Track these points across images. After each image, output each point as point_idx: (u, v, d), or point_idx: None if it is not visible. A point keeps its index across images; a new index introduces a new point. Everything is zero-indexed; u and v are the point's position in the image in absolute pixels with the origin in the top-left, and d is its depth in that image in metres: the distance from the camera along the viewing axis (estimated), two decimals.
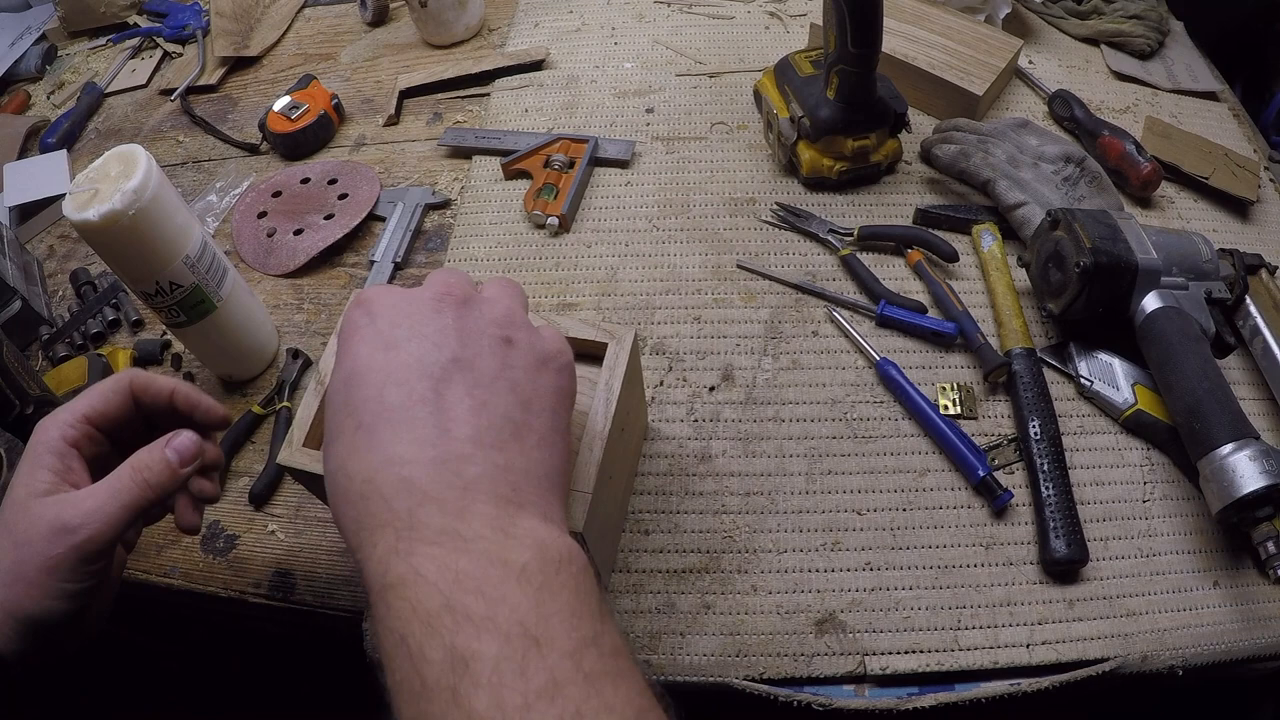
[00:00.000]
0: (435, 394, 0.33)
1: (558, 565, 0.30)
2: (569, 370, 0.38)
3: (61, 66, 1.08)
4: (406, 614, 0.28)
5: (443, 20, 0.93)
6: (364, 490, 0.32)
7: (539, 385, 0.36)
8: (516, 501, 0.32)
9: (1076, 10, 0.92)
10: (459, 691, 0.26)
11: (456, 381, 0.34)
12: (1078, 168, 0.71)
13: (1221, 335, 0.58)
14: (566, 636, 0.28)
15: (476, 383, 0.34)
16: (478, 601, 0.28)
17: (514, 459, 0.33)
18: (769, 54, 0.87)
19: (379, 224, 0.78)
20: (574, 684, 0.27)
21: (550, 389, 0.36)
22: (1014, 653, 0.51)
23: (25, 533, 0.39)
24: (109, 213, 0.51)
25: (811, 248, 0.72)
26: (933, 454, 0.59)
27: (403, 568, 0.29)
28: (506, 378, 0.35)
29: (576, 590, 0.30)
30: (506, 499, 0.32)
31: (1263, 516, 0.49)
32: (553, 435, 0.35)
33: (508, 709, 0.26)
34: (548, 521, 0.33)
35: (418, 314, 0.36)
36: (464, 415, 0.33)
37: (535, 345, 0.37)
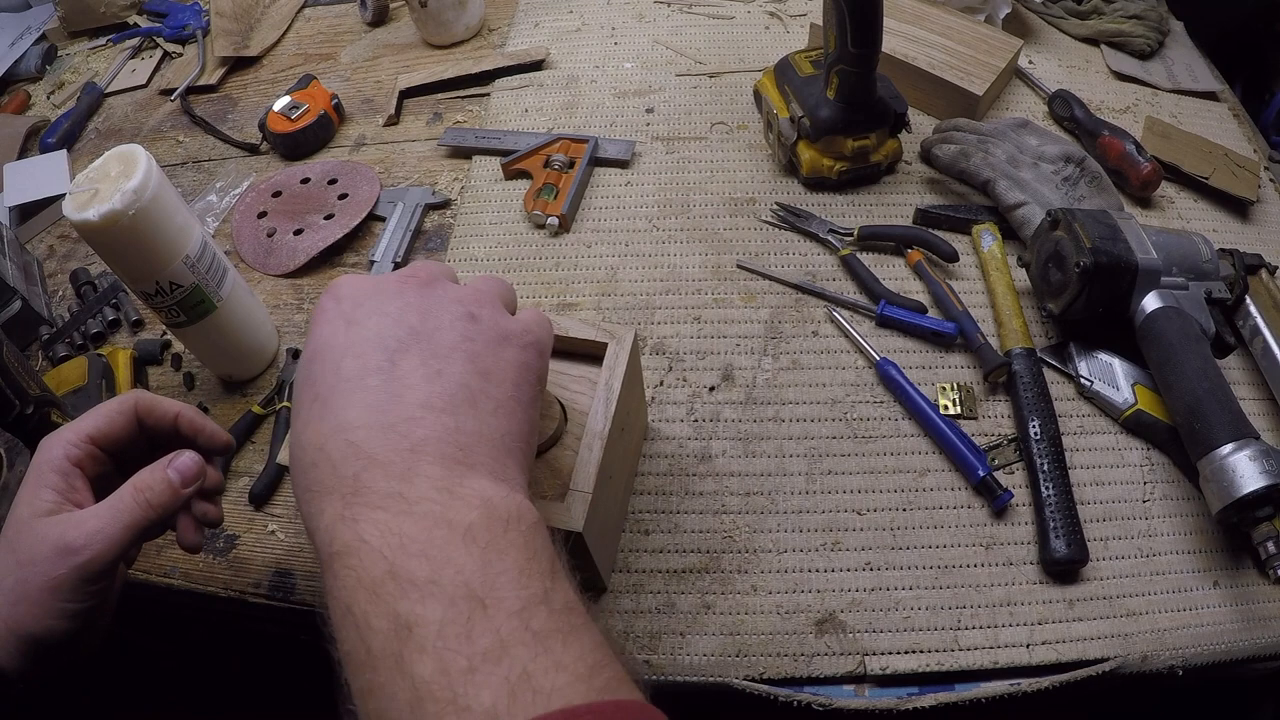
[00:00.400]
0: (390, 363, 0.33)
1: (505, 524, 0.30)
2: (536, 348, 0.37)
3: (61, 66, 1.08)
4: (352, 583, 0.28)
5: (443, 20, 0.93)
6: (314, 458, 0.32)
7: (500, 358, 0.35)
8: (466, 462, 0.32)
9: (1076, 10, 0.92)
10: (403, 658, 0.26)
11: (413, 352, 0.33)
12: (1078, 168, 0.71)
13: (1221, 335, 0.58)
14: (514, 596, 0.28)
15: (433, 353, 0.34)
16: (422, 565, 0.28)
17: (465, 422, 0.33)
18: (769, 54, 0.87)
19: (379, 224, 0.78)
20: (522, 643, 0.26)
21: (513, 362, 0.35)
22: (1014, 653, 0.51)
23: (28, 552, 0.39)
24: (109, 213, 0.51)
25: (811, 248, 0.72)
26: (933, 454, 0.59)
27: (348, 535, 0.29)
28: (465, 349, 0.34)
29: (526, 548, 0.30)
30: (455, 459, 0.31)
31: (1263, 516, 0.49)
32: (511, 404, 0.35)
33: (452, 673, 0.25)
34: (498, 480, 0.32)
35: (381, 294, 0.36)
36: (417, 382, 0.33)
37: (499, 322, 0.36)
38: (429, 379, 0.33)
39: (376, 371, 0.33)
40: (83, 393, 0.62)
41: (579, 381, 0.50)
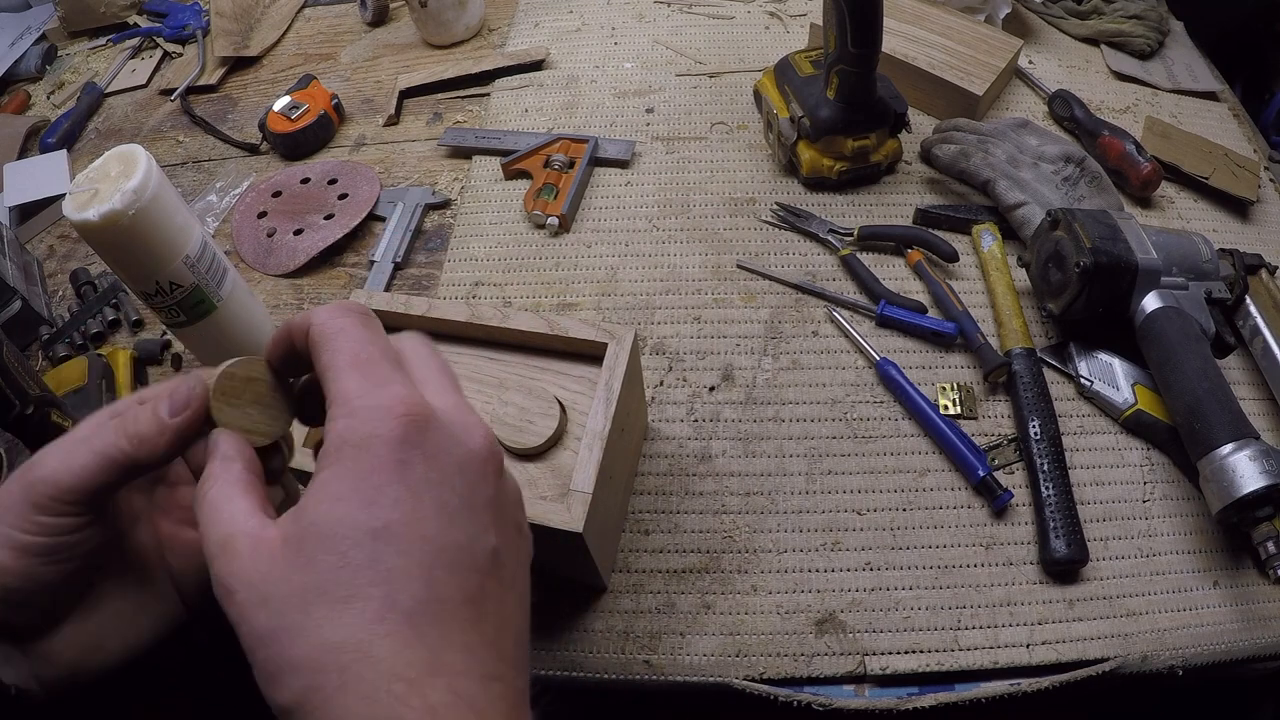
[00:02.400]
0: (481, 592, 0.27)
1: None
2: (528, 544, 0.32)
3: (61, 66, 1.08)
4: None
5: (443, 20, 0.93)
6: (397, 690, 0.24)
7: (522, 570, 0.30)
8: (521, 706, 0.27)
9: (1076, 10, 0.92)
10: None
11: (491, 580, 0.28)
12: (1078, 168, 0.71)
13: (1221, 335, 0.58)
14: None
15: (502, 583, 0.28)
16: None
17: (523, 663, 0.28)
18: (769, 54, 0.87)
19: (379, 224, 0.78)
20: None
21: (524, 571, 0.30)
22: (1014, 653, 0.51)
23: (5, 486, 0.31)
24: (109, 213, 0.51)
25: (811, 248, 0.72)
26: (933, 454, 0.59)
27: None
28: (523, 574, 0.30)
29: None
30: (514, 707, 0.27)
31: (1263, 516, 0.49)
32: (522, 635, 0.29)
33: None
34: None
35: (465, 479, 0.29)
36: (494, 622, 0.28)
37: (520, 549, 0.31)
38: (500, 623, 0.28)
39: (470, 604, 0.27)
40: (83, 393, 0.62)
41: (579, 381, 0.50)
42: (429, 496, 0.27)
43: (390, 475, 0.27)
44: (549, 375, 0.50)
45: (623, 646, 0.52)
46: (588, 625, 0.53)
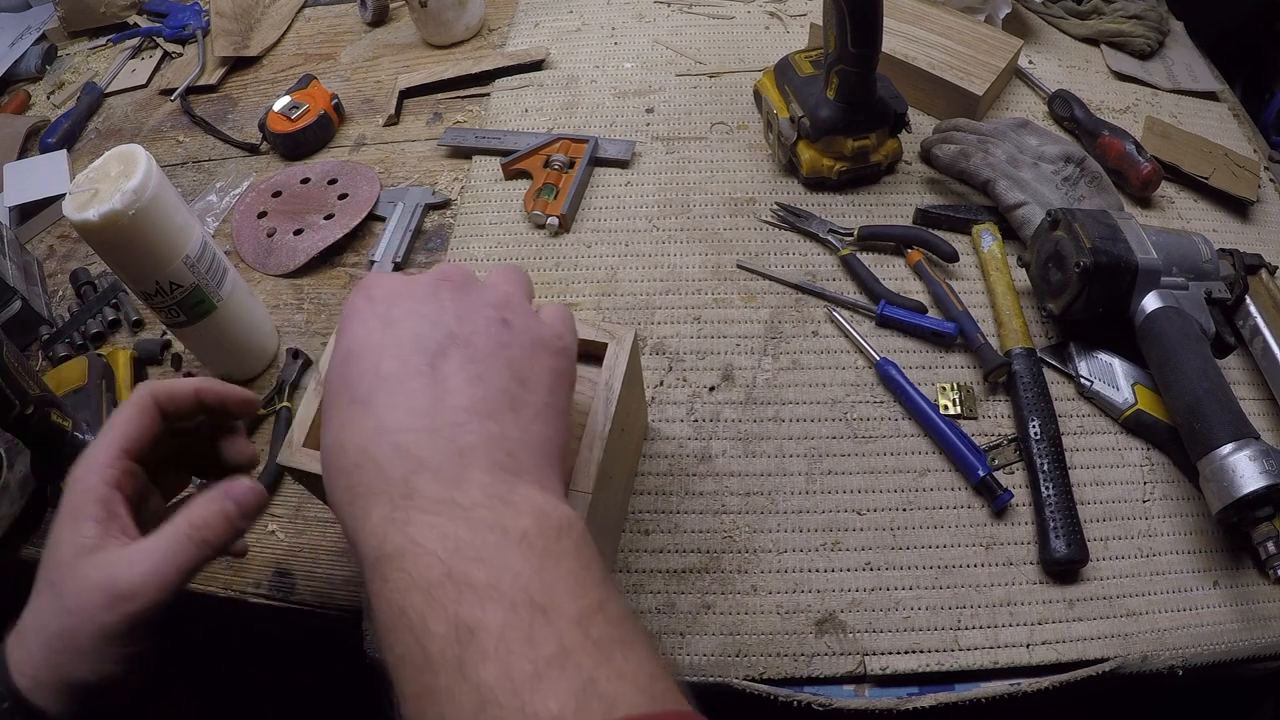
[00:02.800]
0: (430, 367, 0.33)
1: (558, 532, 0.30)
2: (567, 354, 0.37)
3: (61, 66, 1.08)
4: (405, 585, 0.28)
5: (443, 20, 0.93)
6: (358, 460, 0.31)
7: (536, 365, 0.35)
8: (513, 470, 0.32)
9: (1076, 10, 0.92)
10: (465, 662, 0.26)
11: (452, 356, 0.33)
12: (1078, 168, 0.71)
13: (1221, 335, 0.58)
14: (573, 603, 0.27)
15: (472, 358, 0.34)
16: (479, 570, 0.27)
17: (509, 429, 0.33)
18: (769, 54, 0.87)
19: (379, 224, 0.78)
20: (584, 651, 0.26)
21: (547, 369, 0.35)
22: (1014, 653, 0.51)
23: (76, 598, 0.36)
24: (109, 213, 0.51)
25: (811, 248, 0.72)
26: (933, 454, 0.59)
27: (399, 538, 0.29)
28: (503, 355, 0.34)
29: (579, 557, 0.30)
30: (503, 467, 0.31)
31: (1263, 516, 0.49)
32: (549, 411, 0.35)
33: (517, 678, 0.25)
34: (544, 489, 0.32)
35: (416, 295, 0.36)
36: (459, 386, 0.33)
37: (532, 328, 0.36)
38: (470, 383, 0.33)
39: (418, 374, 0.33)
40: (83, 393, 0.62)
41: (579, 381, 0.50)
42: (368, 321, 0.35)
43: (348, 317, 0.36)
44: None
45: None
46: None
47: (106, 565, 0.37)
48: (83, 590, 0.36)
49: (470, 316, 0.35)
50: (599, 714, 0.25)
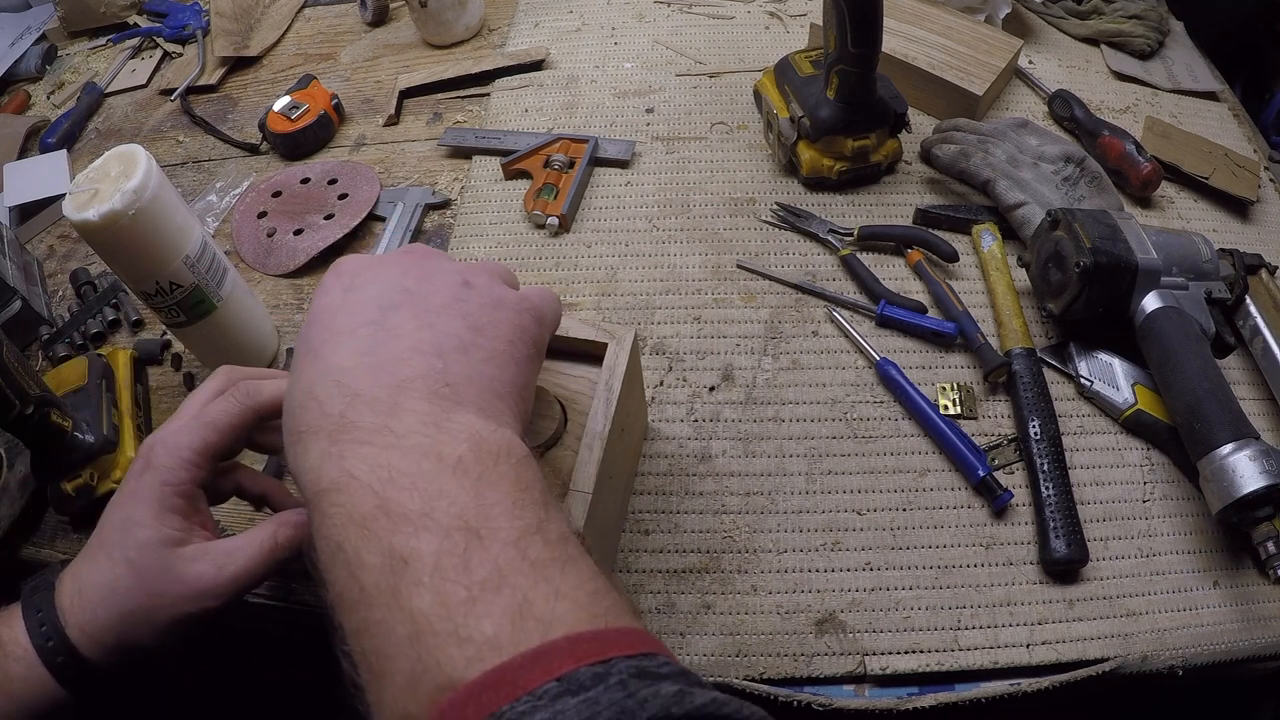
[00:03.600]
0: (381, 315, 0.34)
1: (495, 457, 0.30)
2: (532, 313, 0.37)
3: (61, 66, 1.08)
4: (341, 520, 0.28)
5: (443, 20, 0.93)
6: (303, 400, 0.32)
7: (495, 317, 0.35)
8: (453, 399, 0.31)
9: (1076, 10, 0.91)
10: (399, 592, 0.26)
11: (405, 308, 0.34)
12: (1078, 168, 0.71)
13: (1221, 335, 0.58)
14: (509, 526, 0.27)
15: (426, 309, 0.34)
16: (413, 498, 0.27)
17: (454, 365, 0.33)
18: (769, 54, 0.87)
19: (379, 224, 0.78)
20: (520, 573, 0.26)
21: (507, 322, 0.35)
22: (1014, 653, 0.51)
23: (160, 584, 0.39)
24: (109, 213, 0.51)
25: (811, 248, 0.72)
26: (933, 454, 0.59)
27: (334, 471, 0.29)
28: (458, 309, 0.34)
29: (517, 480, 0.30)
30: (441, 396, 0.31)
31: (1263, 516, 0.49)
32: (503, 357, 0.34)
33: (451, 604, 0.25)
34: (486, 417, 0.32)
35: (381, 264, 0.37)
36: (408, 331, 0.33)
37: (495, 290, 0.36)
38: (419, 330, 0.33)
39: (368, 324, 0.33)
40: (83, 393, 0.62)
41: (579, 381, 0.50)
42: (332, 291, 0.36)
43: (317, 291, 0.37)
44: (549, 375, 0.50)
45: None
46: None
47: (194, 561, 0.39)
48: (171, 581, 0.39)
49: (430, 278, 0.36)
50: (536, 634, 0.25)
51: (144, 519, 0.40)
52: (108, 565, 0.40)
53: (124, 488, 0.41)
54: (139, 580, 0.39)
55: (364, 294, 0.35)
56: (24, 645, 0.38)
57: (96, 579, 0.40)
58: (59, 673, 0.38)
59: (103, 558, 0.40)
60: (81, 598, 0.39)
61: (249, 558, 0.40)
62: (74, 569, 0.41)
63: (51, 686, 0.38)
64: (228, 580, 0.39)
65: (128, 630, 0.39)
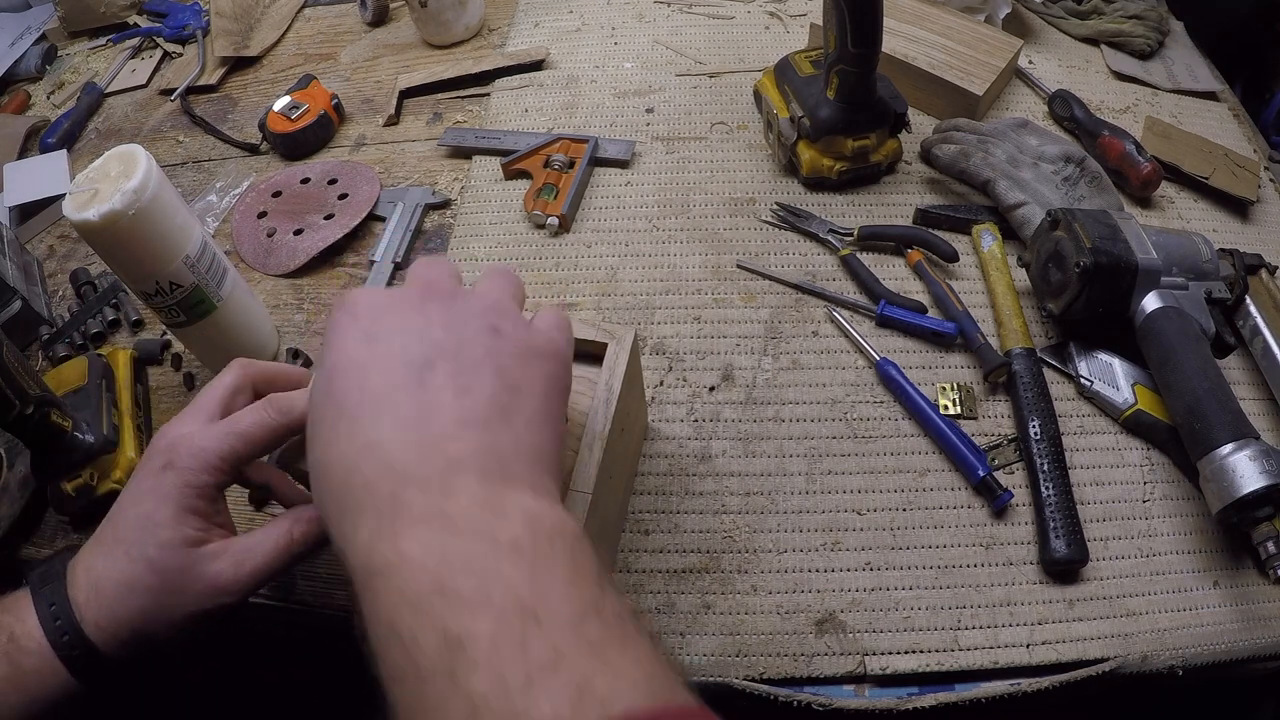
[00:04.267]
0: (418, 380, 0.33)
1: (551, 536, 0.30)
2: (561, 358, 0.37)
3: (61, 66, 1.08)
4: (395, 601, 0.28)
5: (443, 20, 0.93)
6: (346, 477, 0.31)
7: (528, 371, 0.35)
8: (504, 477, 0.31)
9: (1076, 10, 0.91)
10: (456, 673, 0.25)
11: (439, 368, 0.33)
12: (1078, 168, 0.71)
13: (1221, 335, 0.58)
14: (566, 607, 0.27)
15: (460, 368, 0.33)
16: (468, 581, 0.27)
17: (501, 436, 0.32)
18: (769, 54, 0.87)
19: (379, 224, 0.78)
20: (578, 653, 0.26)
21: (540, 375, 0.35)
22: (1014, 653, 0.51)
23: (179, 582, 0.39)
24: (109, 213, 0.51)
25: (811, 248, 0.72)
26: (933, 454, 0.59)
27: (388, 552, 0.29)
28: (492, 363, 0.34)
29: (572, 560, 0.29)
30: (493, 474, 0.31)
31: (1263, 516, 0.49)
32: (542, 418, 0.34)
33: (510, 686, 0.25)
34: (538, 495, 0.32)
35: (400, 309, 0.35)
36: (447, 398, 0.32)
37: (523, 335, 0.36)
38: (458, 394, 0.33)
39: (404, 387, 0.32)
40: (83, 393, 0.62)
41: (579, 381, 0.50)
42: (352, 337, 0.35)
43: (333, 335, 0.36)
44: None
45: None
46: None
47: (214, 559, 0.40)
48: (190, 579, 0.40)
49: (457, 326, 0.35)
50: (595, 713, 0.25)
51: (165, 519, 0.40)
52: (126, 562, 0.40)
53: (141, 483, 0.41)
54: (159, 578, 0.39)
55: (391, 346, 0.34)
56: (37, 639, 0.38)
57: (113, 575, 0.40)
58: (73, 665, 0.39)
59: (120, 554, 0.40)
60: (98, 593, 0.39)
61: (266, 554, 0.41)
62: (86, 563, 0.41)
63: (65, 679, 0.38)
64: (246, 577, 0.40)
65: (144, 626, 0.39)
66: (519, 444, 0.33)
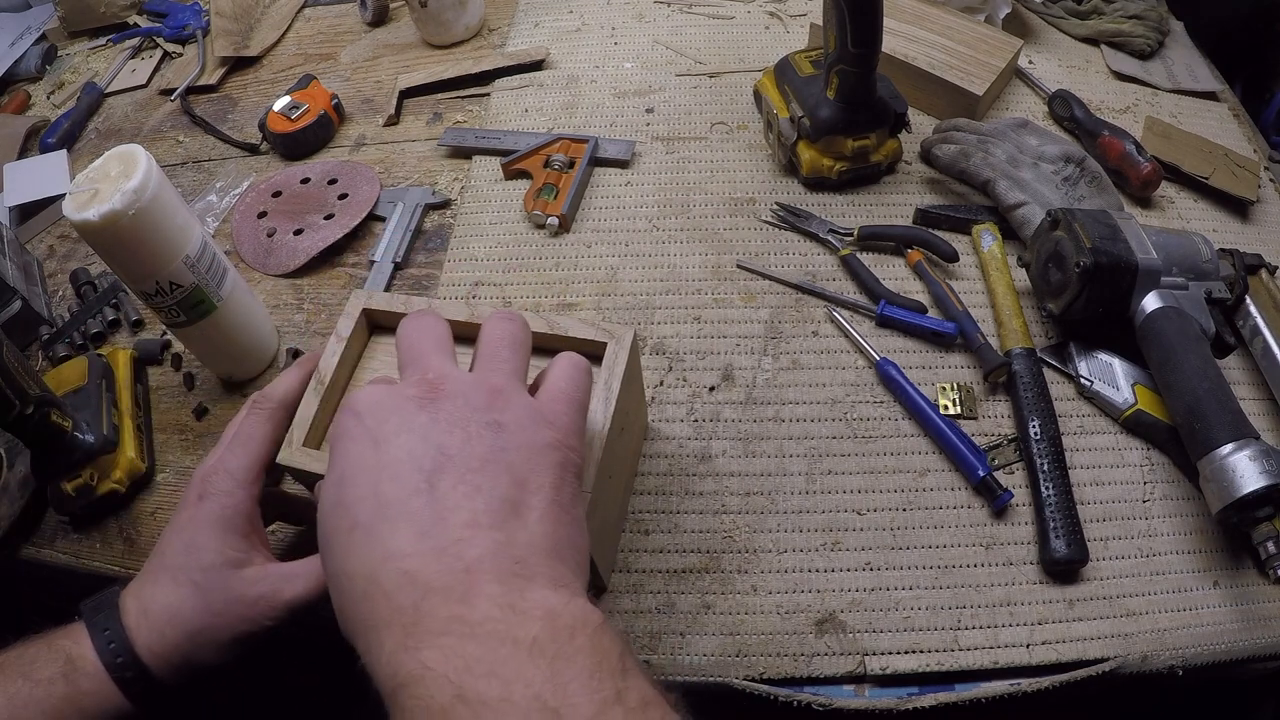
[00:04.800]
0: (429, 484, 0.33)
1: (571, 631, 0.30)
2: (568, 443, 0.37)
3: (61, 66, 1.08)
4: (419, 712, 0.28)
5: (443, 20, 0.93)
6: (366, 589, 0.32)
7: (536, 463, 0.35)
8: (523, 575, 0.31)
9: (1076, 10, 0.91)
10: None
11: (448, 471, 0.33)
12: (1078, 168, 0.71)
13: (1221, 335, 0.58)
14: (588, 701, 0.28)
15: (469, 469, 0.33)
16: (490, 685, 0.28)
17: (516, 535, 0.33)
18: (769, 54, 0.87)
19: (379, 224, 0.78)
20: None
21: (549, 465, 0.35)
22: (1014, 653, 0.51)
23: (222, 603, 0.42)
24: (109, 213, 0.51)
25: (811, 248, 0.72)
26: (933, 454, 0.59)
27: (411, 664, 0.29)
28: (500, 461, 0.34)
29: (593, 652, 0.30)
30: (510, 574, 0.31)
31: (1263, 516, 0.49)
32: (555, 509, 0.34)
33: None
34: (557, 588, 0.32)
35: (404, 409, 0.36)
36: (459, 502, 0.33)
37: (526, 426, 0.36)
38: (470, 497, 0.33)
39: (416, 494, 0.33)
40: (83, 393, 0.62)
41: None
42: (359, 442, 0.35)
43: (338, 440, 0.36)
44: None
45: None
46: None
47: (255, 583, 0.43)
48: (233, 600, 0.42)
49: (462, 424, 0.35)
50: None
51: (206, 543, 0.43)
52: (173, 588, 0.43)
53: (180, 516, 0.44)
54: (203, 601, 0.42)
55: (398, 451, 0.34)
56: (93, 662, 0.41)
57: (160, 600, 0.43)
58: (128, 688, 0.41)
59: (166, 579, 0.43)
60: (148, 619, 0.42)
61: (306, 584, 0.43)
62: (135, 592, 0.44)
63: (119, 701, 0.41)
64: (284, 604, 0.42)
65: (193, 649, 0.42)
66: (534, 540, 0.33)
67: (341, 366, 0.50)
